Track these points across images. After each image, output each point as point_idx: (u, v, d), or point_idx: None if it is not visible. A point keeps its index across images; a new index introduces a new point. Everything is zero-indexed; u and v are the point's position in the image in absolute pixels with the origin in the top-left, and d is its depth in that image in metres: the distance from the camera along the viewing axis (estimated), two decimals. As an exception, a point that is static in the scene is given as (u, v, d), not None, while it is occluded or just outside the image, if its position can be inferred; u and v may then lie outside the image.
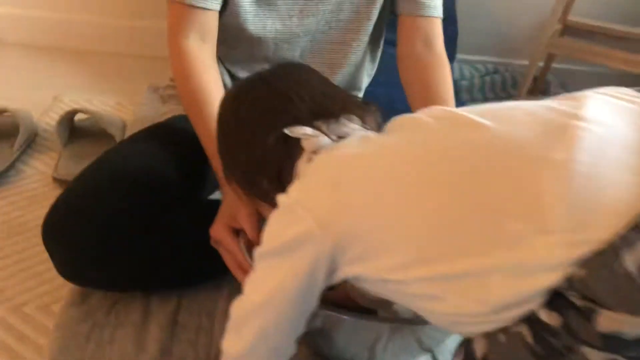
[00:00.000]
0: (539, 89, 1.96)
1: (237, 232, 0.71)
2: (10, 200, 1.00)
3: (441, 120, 0.49)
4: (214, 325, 0.73)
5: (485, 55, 1.96)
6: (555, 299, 0.38)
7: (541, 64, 1.79)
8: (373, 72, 1.07)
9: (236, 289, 0.76)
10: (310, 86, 0.60)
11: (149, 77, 1.52)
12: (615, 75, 1.96)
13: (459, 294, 0.41)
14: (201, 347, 0.70)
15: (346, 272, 0.47)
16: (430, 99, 0.86)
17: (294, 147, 0.55)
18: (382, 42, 1.02)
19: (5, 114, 1.17)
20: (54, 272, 0.83)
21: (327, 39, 0.93)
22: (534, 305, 0.38)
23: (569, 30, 1.72)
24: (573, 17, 1.69)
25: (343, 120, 0.57)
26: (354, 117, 0.58)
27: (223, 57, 0.94)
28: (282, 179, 0.56)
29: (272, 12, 0.87)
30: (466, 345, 0.44)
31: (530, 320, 0.39)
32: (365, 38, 0.94)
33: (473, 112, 0.47)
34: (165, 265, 0.76)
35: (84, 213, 0.70)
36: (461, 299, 0.41)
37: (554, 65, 1.92)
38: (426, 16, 0.89)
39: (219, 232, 0.71)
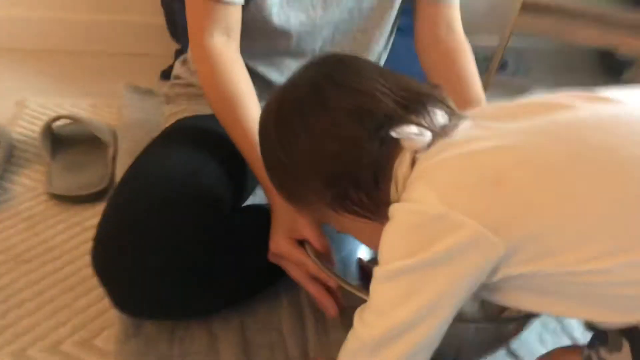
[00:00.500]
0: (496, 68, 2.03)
1: (301, 243, 0.67)
2: (8, 224, 0.89)
3: (578, 101, 0.49)
4: (286, 340, 0.69)
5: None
6: None
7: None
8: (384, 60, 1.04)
9: (300, 298, 0.73)
10: (382, 77, 0.54)
11: (120, 76, 1.40)
12: (561, 50, 2.07)
13: None
14: (279, 365, 0.66)
15: (511, 271, 0.45)
16: (463, 84, 0.85)
17: (391, 149, 0.51)
18: (395, 29, 1.00)
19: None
20: (83, 301, 0.76)
21: (350, 28, 0.89)
22: None
23: (526, 7, 1.77)
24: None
25: (432, 109, 0.52)
26: (439, 103, 0.53)
27: (241, 51, 0.87)
28: (380, 187, 0.52)
29: (296, 3, 0.82)
30: (631, 335, 0.45)
31: None
32: (387, 27, 0.92)
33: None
34: (229, 283, 0.70)
35: (143, 239, 0.63)
36: None
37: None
38: (448, 3, 0.88)
39: (282, 246, 0.67)
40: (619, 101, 0.49)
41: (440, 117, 0.52)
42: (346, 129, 0.51)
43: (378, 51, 0.94)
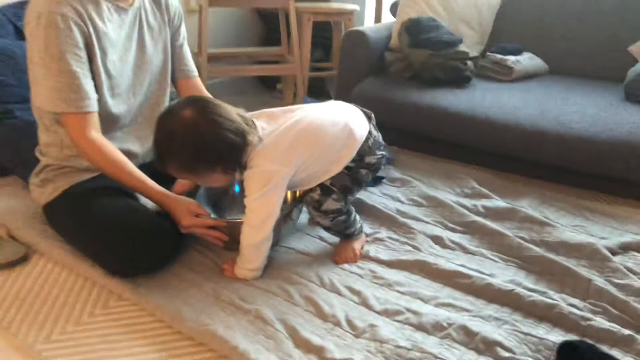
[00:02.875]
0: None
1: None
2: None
3: (298, 111, 1.31)
4: (210, 263, 1.35)
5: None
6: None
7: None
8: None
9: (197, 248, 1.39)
10: (228, 107, 1.23)
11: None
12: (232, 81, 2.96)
13: (337, 165, 1.30)
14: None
15: (294, 179, 1.25)
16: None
17: (248, 144, 1.21)
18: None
19: None
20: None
21: (148, 103, 1.53)
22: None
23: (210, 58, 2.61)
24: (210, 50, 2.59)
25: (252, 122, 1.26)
26: (250, 119, 1.27)
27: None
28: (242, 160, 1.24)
29: (120, 99, 1.42)
30: (319, 185, 1.31)
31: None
32: (167, 97, 1.59)
33: (294, 110, 1.33)
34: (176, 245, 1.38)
35: (145, 248, 1.28)
36: (337, 166, 1.29)
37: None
38: (195, 76, 1.61)
39: (192, 220, 1.32)
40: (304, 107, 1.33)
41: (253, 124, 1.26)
42: (231, 136, 1.18)
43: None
